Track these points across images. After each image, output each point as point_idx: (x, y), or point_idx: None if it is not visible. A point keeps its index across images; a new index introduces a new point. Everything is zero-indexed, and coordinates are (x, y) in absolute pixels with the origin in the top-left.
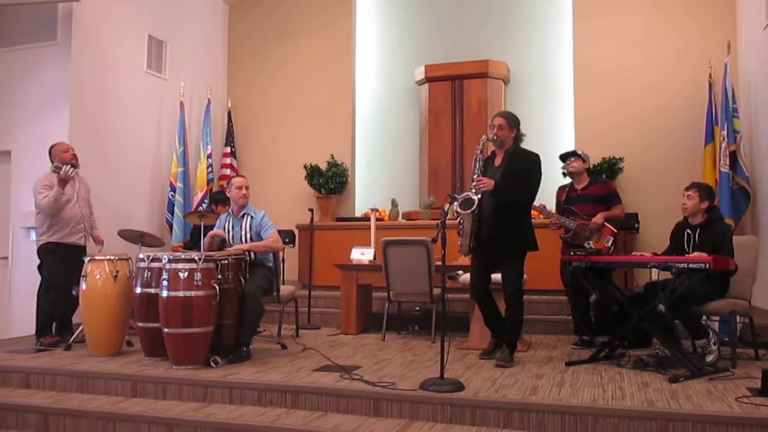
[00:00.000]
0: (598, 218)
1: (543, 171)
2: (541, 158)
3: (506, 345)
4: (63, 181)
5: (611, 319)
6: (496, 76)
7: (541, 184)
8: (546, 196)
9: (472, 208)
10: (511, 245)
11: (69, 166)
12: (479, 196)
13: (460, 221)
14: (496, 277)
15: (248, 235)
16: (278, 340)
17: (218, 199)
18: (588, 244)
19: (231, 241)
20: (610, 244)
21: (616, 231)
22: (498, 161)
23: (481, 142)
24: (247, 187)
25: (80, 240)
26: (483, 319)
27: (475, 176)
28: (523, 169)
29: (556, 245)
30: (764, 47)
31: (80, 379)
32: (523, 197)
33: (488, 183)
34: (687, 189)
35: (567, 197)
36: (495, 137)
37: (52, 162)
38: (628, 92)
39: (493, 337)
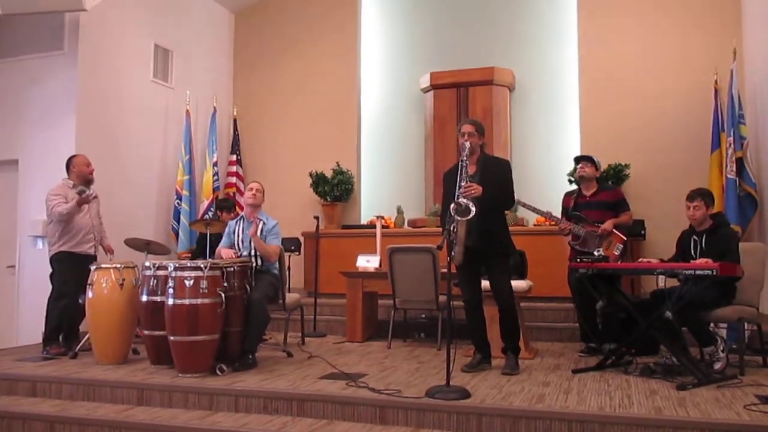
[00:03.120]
0: (608, 225)
1: (547, 178)
2: (546, 165)
3: (510, 351)
4: (82, 202)
5: (618, 326)
6: (501, 84)
7: (546, 191)
8: (550, 202)
9: (470, 216)
10: (495, 250)
11: (92, 191)
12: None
13: (453, 229)
14: (485, 284)
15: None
16: (284, 348)
17: (223, 206)
18: (597, 251)
19: (240, 246)
20: (619, 251)
21: (625, 239)
22: (471, 169)
23: (466, 148)
24: (259, 190)
25: (90, 249)
26: (471, 331)
27: (462, 183)
28: (500, 174)
29: (562, 252)
30: None
31: (86, 387)
32: (506, 201)
33: (477, 189)
34: (690, 200)
35: (576, 203)
36: (469, 144)
37: (69, 172)
38: (634, 99)
39: (477, 352)
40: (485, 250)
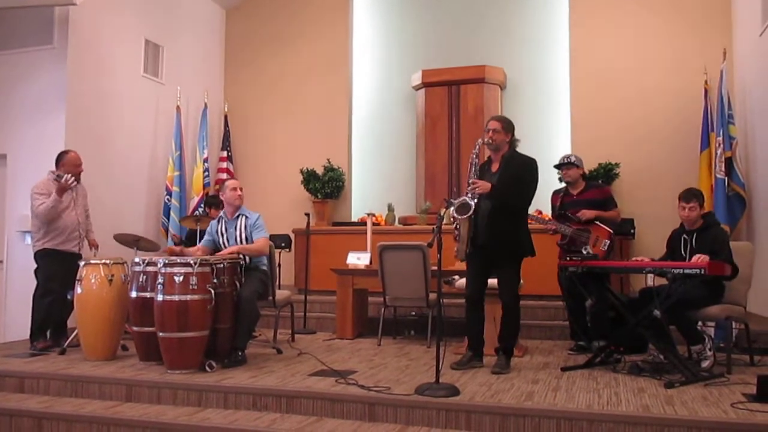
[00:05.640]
0: (590, 213)
1: (539, 176)
2: (537, 163)
3: (502, 352)
4: (62, 190)
5: (607, 324)
6: (492, 82)
7: (537, 190)
8: (542, 201)
9: (469, 213)
10: (507, 251)
11: (70, 175)
12: (476, 200)
13: (456, 226)
14: (492, 282)
15: (243, 236)
16: (273, 345)
17: (212, 202)
18: (585, 249)
19: (226, 244)
20: (606, 247)
21: (611, 232)
22: (495, 167)
23: (477, 146)
24: (241, 188)
25: (75, 247)
26: (468, 327)
27: (470, 180)
28: (519, 173)
29: (552, 250)
30: (760, 54)
31: (74, 384)
32: (519, 201)
33: (484, 186)
34: (686, 201)
35: (562, 202)
36: (490, 141)
37: (57, 168)
38: (625, 98)
39: (468, 349)
40: (495, 249)
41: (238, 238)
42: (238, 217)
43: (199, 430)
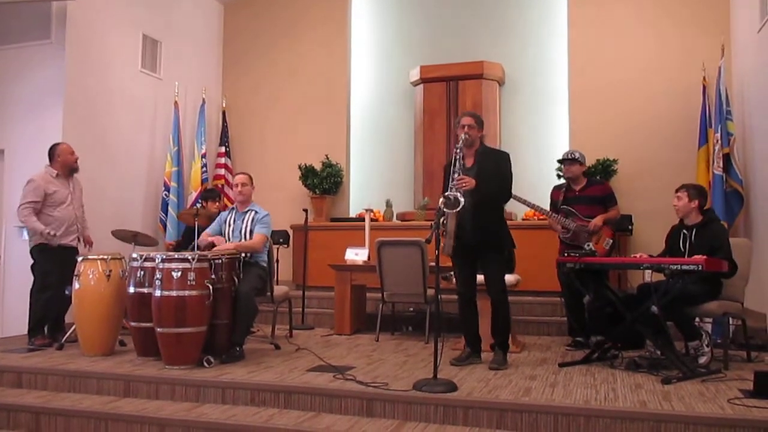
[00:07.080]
0: (598, 220)
1: (536, 172)
2: (536, 159)
3: (499, 347)
4: (45, 238)
5: (605, 320)
6: (491, 78)
7: (535, 185)
8: (539, 197)
9: (459, 208)
10: (492, 245)
11: (52, 233)
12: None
13: (443, 221)
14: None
15: (248, 229)
16: (271, 341)
17: (208, 196)
18: (587, 245)
19: (230, 235)
20: (608, 246)
21: (613, 233)
22: (469, 162)
23: (460, 142)
24: (244, 184)
25: (72, 241)
26: (462, 325)
27: (455, 176)
28: (497, 167)
29: (551, 247)
30: (758, 50)
31: (72, 379)
32: (502, 195)
33: (470, 182)
34: (677, 190)
35: (565, 197)
36: (467, 136)
37: (52, 160)
38: (623, 94)
39: (467, 346)
40: (479, 244)
41: (243, 231)
42: (247, 211)
43: (197, 425)
